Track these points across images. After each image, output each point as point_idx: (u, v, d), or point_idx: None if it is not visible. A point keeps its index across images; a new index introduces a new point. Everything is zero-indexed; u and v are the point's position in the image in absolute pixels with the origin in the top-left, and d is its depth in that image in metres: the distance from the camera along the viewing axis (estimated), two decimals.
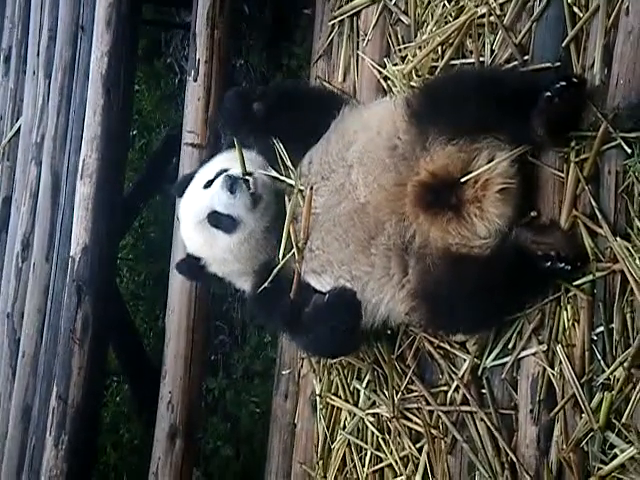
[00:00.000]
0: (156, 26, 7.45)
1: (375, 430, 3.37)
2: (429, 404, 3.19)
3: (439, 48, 3.29)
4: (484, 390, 3.04)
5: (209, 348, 6.49)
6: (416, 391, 3.25)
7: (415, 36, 3.43)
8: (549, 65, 2.91)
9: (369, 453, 3.40)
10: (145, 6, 5.57)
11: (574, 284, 2.75)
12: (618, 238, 2.63)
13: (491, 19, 3.11)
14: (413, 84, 3.34)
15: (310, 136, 3.15)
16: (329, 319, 3.08)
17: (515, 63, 3.03)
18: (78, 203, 4.88)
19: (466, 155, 2.80)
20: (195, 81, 4.39)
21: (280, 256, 3.08)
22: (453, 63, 3.25)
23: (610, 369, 2.64)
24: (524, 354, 2.91)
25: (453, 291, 2.82)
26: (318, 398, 3.61)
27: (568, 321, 2.79)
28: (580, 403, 2.72)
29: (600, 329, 2.69)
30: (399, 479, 3.28)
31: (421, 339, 3.23)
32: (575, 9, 2.86)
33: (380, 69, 3.56)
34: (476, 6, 3.15)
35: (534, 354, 2.88)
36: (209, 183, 3.18)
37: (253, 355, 6.79)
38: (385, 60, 3.56)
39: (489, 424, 2.99)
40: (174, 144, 4.76)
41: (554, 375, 2.81)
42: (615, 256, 2.64)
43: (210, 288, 4.44)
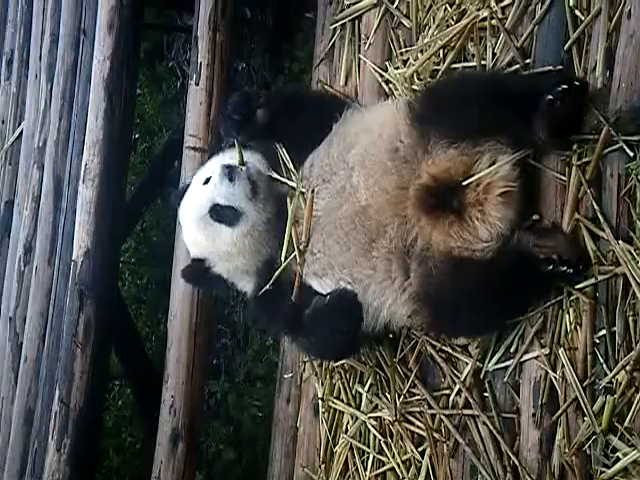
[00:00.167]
0: (158, 30, 7.46)
1: (377, 434, 3.36)
2: (431, 408, 3.19)
3: (441, 51, 3.29)
4: (486, 394, 3.04)
5: (211, 352, 6.48)
6: (418, 395, 3.25)
7: (417, 39, 3.43)
8: (551, 68, 2.91)
9: (371, 457, 3.39)
10: (147, 10, 5.56)
11: (576, 287, 2.75)
12: (620, 241, 2.62)
13: (493, 22, 3.11)
14: (415, 87, 3.35)
15: (312, 140, 3.14)
16: (330, 321, 3.07)
17: (517, 66, 3.03)
18: (80, 207, 4.89)
19: (468, 158, 2.80)
20: (197, 85, 4.40)
21: (282, 258, 3.08)
22: (455, 66, 3.26)
23: (612, 372, 2.64)
24: (526, 357, 2.91)
25: (455, 294, 2.82)
26: (320, 402, 3.60)
27: (570, 324, 2.79)
28: (582, 406, 2.71)
29: (602, 332, 2.69)
30: None
31: (423, 342, 3.23)
32: (577, 12, 2.86)
33: (382, 72, 3.56)
34: (478, 9, 3.16)
35: (536, 357, 2.88)
36: (207, 180, 3.18)
37: (255, 359, 6.79)
38: (387, 63, 3.56)
39: (491, 428, 2.99)
40: (176, 148, 4.76)
41: (556, 379, 2.81)
42: (617, 259, 2.64)
43: (214, 292, 4.42)
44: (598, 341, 2.71)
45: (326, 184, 3.06)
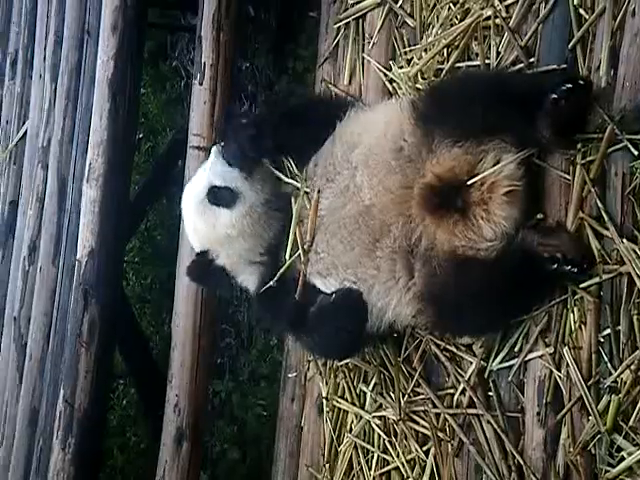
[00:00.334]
0: (162, 29, 7.46)
1: (382, 433, 3.37)
2: (436, 407, 3.19)
3: (445, 51, 3.29)
4: (491, 393, 3.04)
5: (215, 351, 6.48)
6: (422, 394, 3.25)
7: (421, 39, 3.43)
8: (555, 67, 2.91)
9: (376, 456, 3.39)
10: (151, 9, 5.56)
11: (581, 286, 2.75)
12: (625, 240, 2.62)
13: (497, 21, 3.11)
14: (419, 86, 3.35)
15: (315, 139, 3.14)
16: (335, 320, 3.08)
17: (521, 65, 3.03)
18: (84, 207, 4.89)
19: (472, 157, 2.79)
20: (201, 84, 4.40)
21: (287, 257, 3.08)
22: (459, 66, 3.26)
23: (617, 372, 2.64)
24: (531, 357, 2.91)
25: (459, 293, 2.81)
26: (324, 401, 3.60)
27: (575, 323, 2.79)
28: (587, 406, 2.71)
29: (607, 331, 2.69)
30: None
31: (427, 342, 3.23)
32: (581, 11, 2.86)
33: (386, 72, 3.56)
34: (481, 8, 3.16)
35: (541, 357, 2.87)
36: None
37: (259, 358, 6.79)
38: (391, 63, 3.56)
39: (496, 427, 2.99)
40: (180, 147, 4.77)
41: (561, 378, 2.81)
42: (622, 258, 2.64)
43: (218, 292, 4.43)
44: (603, 340, 2.71)
45: (330, 183, 3.06)
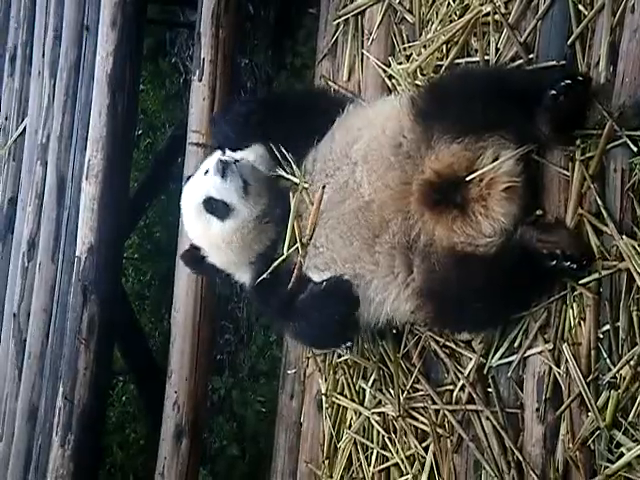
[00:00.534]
0: (161, 25, 7.46)
1: (381, 429, 3.36)
2: (435, 403, 3.19)
3: (444, 47, 3.29)
4: (490, 389, 3.04)
5: (215, 348, 6.49)
6: (422, 390, 3.25)
7: (420, 35, 3.43)
8: (554, 63, 2.90)
9: (375, 452, 3.39)
10: (150, 6, 5.56)
11: (580, 283, 2.75)
12: (624, 236, 2.62)
13: (496, 17, 3.11)
14: (418, 83, 3.34)
15: (313, 135, 3.14)
16: (323, 307, 3.08)
17: (520, 61, 3.03)
18: (84, 203, 4.89)
19: (471, 154, 2.79)
20: (200, 81, 4.40)
21: (284, 250, 3.08)
22: (458, 62, 3.25)
23: (616, 367, 2.64)
24: (530, 353, 2.91)
25: (458, 290, 2.82)
26: (324, 397, 3.60)
27: (574, 320, 2.79)
28: (586, 402, 2.71)
29: (606, 327, 2.69)
30: (405, 478, 3.27)
31: (426, 338, 3.23)
32: (580, 7, 2.85)
33: (385, 68, 3.56)
34: (481, 5, 3.15)
35: (540, 353, 2.87)
36: (207, 172, 3.19)
37: (259, 354, 6.80)
38: (390, 59, 3.56)
39: (495, 423, 2.99)
40: (179, 144, 4.77)
41: (560, 374, 2.81)
42: (621, 254, 2.64)
43: (214, 284, 4.43)
44: (602, 336, 2.71)
45: (329, 179, 3.05)
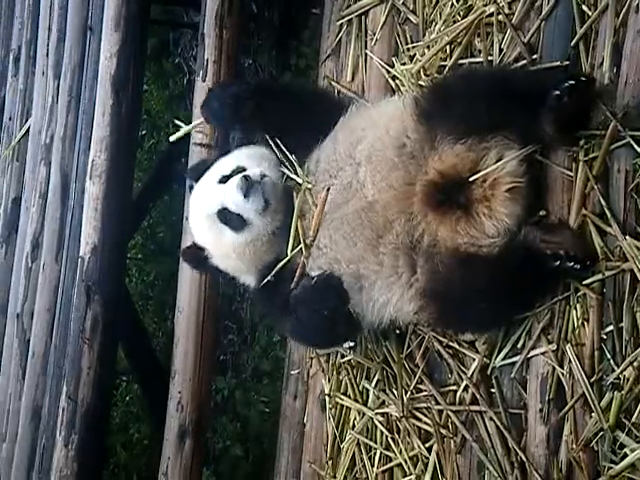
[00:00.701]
0: (164, 26, 7.46)
1: (384, 430, 3.37)
2: (438, 403, 3.19)
3: (447, 47, 3.29)
4: (493, 389, 3.04)
5: (218, 348, 6.49)
6: (425, 390, 3.25)
7: (423, 35, 3.43)
8: (558, 64, 2.90)
9: (378, 453, 3.39)
10: (153, 6, 5.56)
11: (583, 283, 2.74)
12: (628, 237, 2.62)
13: (500, 18, 3.11)
14: (421, 83, 3.34)
15: (316, 135, 3.14)
16: (313, 302, 3.06)
17: (524, 62, 3.03)
18: (87, 203, 4.89)
19: (475, 154, 2.79)
20: (203, 81, 4.39)
21: (288, 251, 3.08)
22: (461, 62, 3.25)
23: (620, 368, 2.63)
24: (533, 353, 2.91)
25: (462, 290, 2.82)
26: (327, 398, 3.60)
27: (577, 320, 2.78)
28: (590, 402, 2.71)
29: (610, 328, 2.68)
30: (408, 478, 3.27)
31: (430, 338, 3.23)
32: (584, 7, 2.86)
33: (388, 68, 3.56)
34: (484, 5, 3.15)
35: (543, 353, 2.87)
36: (224, 179, 3.17)
37: (262, 355, 6.80)
38: (393, 59, 3.56)
39: (498, 423, 2.99)
40: (183, 144, 4.76)
41: (563, 374, 2.81)
42: (624, 255, 2.63)
43: (217, 284, 4.43)
44: (605, 337, 2.71)
45: (332, 179, 3.06)
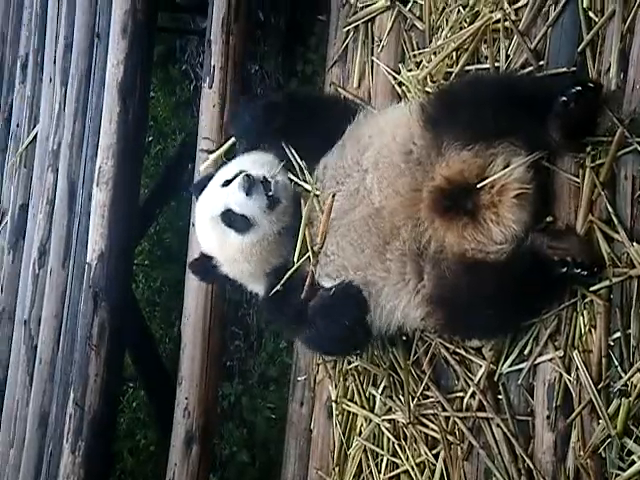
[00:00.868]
0: (171, 33, 7.48)
1: (391, 436, 3.36)
2: (445, 410, 3.18)
3: (454, 54, 3.29)
4: (500, 396, 3.03)
5: (225, 354, 6.49)
6: (432, 397, 3.24)
7: (430, 42, 3.43)
8: (565, 70, 2.90)
9: (385, 459, 3.39)
10: (160, 13, 5.57)
11: (590, 290, 2.74)
12: (635, 243, 2.61)
13: (506, 24, 3.11)
14: (428, 90, 3.34)
15: (324, 142, 3.14)
16: (332, 312, 3.07)
17: (530, 68, 3.03)
18: (94, 210, 4.90)
19: (482, 160, 2.79)
20: (210, 88, 4.41)
21: (295, 259, 3.08)
22: (468, 69, 3.26)
23: (627, 375, 2.63)
24: (540, 360, 2.90)
25: (469, 296, 2.81)
26: (334, 404, 3.60)
27: (585, 327, 2.78)
28: (597, 409, 2.70)
29: (617, 335, 2.68)
30: None
31: (437, 345, 3.22)
32: (591, 14, 2.85)
33: (395, 75, 3.56)
34: (491, 12, 3.15)
35: (551, 360, 2.87)
36: (227, 182, 3.18)
37: (269, 361, 6.79)
38: (400, 66, 3.56)
39: (505, 430, 2.98)
40: (190, 151, 4.77)
41: (571, 381, 2.80)
42: (632, 261, 2.63)
43: (224, 290, 4.44)
44: (613, 343, 2.70)
45: (340, 186, 3.06)
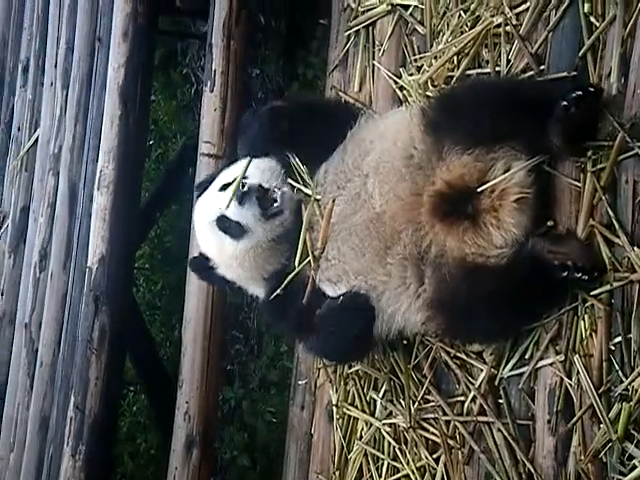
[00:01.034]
0: (172, 36, 7.48)
1: (392, 440, 3.36)
2: (446, 414, 3.18)
3: (455, 58, 3.28)
4: (501, 400, 3.03)
5: (225, 358, 6.49)
6: (433, 401, 3.24)
7: (431, 46, 3.43)
8: (565, 74, 2.90)
9: (386, 463, 3.38)
10: (161, 17, 5.58)
11: (591, 294, 2.74)
12: (636, 248, 2.61)
13: (507, 29, 3.11)
14: (429, 94, 3.34)
15: (325, 147, 3.15)
16: (342, 321, 3.08)
17: (531, 73, 3.02)
18: (95, 213, 4.91)
19: (482, 165, 2.79)
20: (211, 91, 4.41)
21: (296, 263, 3.08)
22: (469, 73, 3.25)
23: (628, 379, 2.62)
24: (541, 364, 2.90)
25: (469, 301, 2.81)
26: (335, 408, 3.60)
27: (586, 331, 2.77)
28: (598, 414, 2.70)
29: (618, 339, 2.67)
30: None
31: (437, 349, 3.22)
32: (592, 18, 2.85)
33: (396, 79, 3.56)
34: (492, 16, 3.15)
35: (551, 364, 2.86)
36: (225, 187, 3.18)
37: (269, 365, 6.79)
38: (401, 70, 3.56)
39: (506, 434, 2.98)
40: (190, 154, 4.78)
41: (572, 385, 2.80)
42: (633, 266, 2.62)
43: (225, 294, 4.44)
44: (614, 348, 2.69)
45: (340, 191, 3.06)
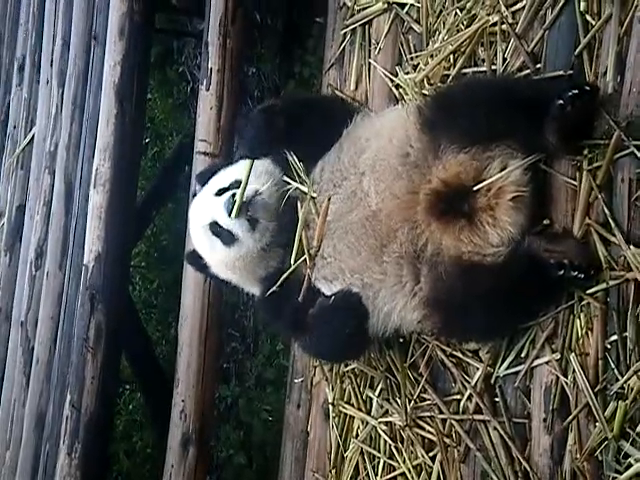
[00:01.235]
0: (168, 34, 7.48)
1: (388, 439, 3.36)
2: (442, 413, 3.18)
3: (451, 56, 3.28)
4: (497, 399, 3.03)
5: (222, 356, 6.49)
6: (429, 400, 3.24)
7: (427, 44, 3.43)
8: (561, 73, 2.90)
9: (382, 462, 3.38)
10: (157, 15, 5.58)
11: (587, 292, 2.74)
12: (632, 246, 2.61)
13: (503, 27, 3.11)
14: (425, 92, 3.34)
15: (322, 145, 3.15)
16: (334, 320, 3.08)
17: (527, 71, 3.02)
18: (91, 211, 4.91)
19: (478, 163, 2.79)
20: (207, 90, 4.41)
21: (292, 261, 3.08)
22: (465, 71, 3.25)
23: (624, 378, 2.63)
24: (537, 363, 2.90)
25: (465, 299, 2.81)
26: (331, 406, 3.60)
27: (581, 329, 2.78)
28: (594, 412, 2.70)
29: (614, 338, 2.68)
30: None
31: (433, 347, 3.22)
32: (587, 17, 2.85)
33: (392, 77, 3.56)
34: (488, 14, 3.15)
35: (547, 363, 2.87)
36: (220, 191, 3.18)
37: (265, 363, 6.80)
38: (397, 68, 3.56)
39: (502, 433, 2.98)
40: (186, 152, 4.78)
41: (567, 384, 2.80)
42: (629, 264, 2.63)
43: (221, 292, 4.44)
44: (609, 346, 2.70)
45: (337, 189, 3.06)
